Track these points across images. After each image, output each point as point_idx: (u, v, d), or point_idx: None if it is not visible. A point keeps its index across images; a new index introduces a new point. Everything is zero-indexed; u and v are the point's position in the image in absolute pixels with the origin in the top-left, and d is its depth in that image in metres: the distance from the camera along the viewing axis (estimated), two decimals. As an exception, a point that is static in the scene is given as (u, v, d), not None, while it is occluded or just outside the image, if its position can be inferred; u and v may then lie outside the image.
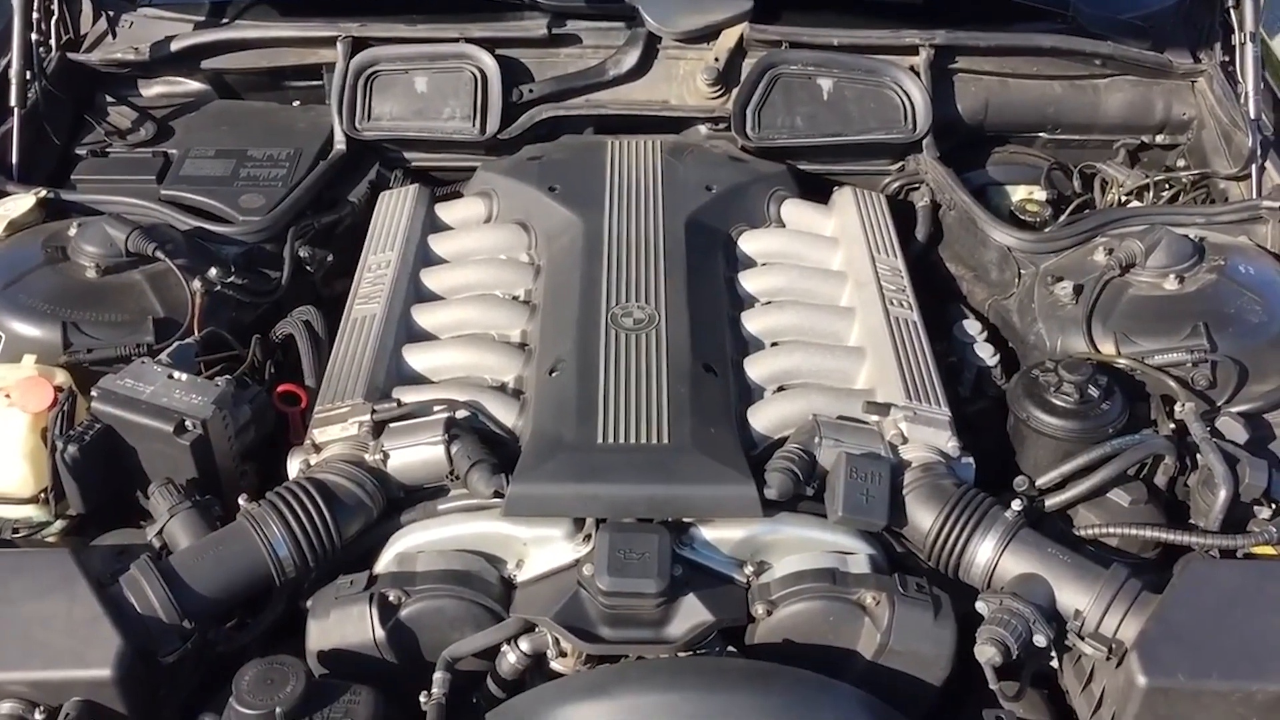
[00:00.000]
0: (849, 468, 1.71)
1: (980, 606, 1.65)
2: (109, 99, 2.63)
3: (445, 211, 2.38)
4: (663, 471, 1.71)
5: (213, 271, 2.10)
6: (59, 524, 1.87)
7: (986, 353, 2.13)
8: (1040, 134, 2.65)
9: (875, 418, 1.84)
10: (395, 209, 2.35)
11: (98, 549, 1.80)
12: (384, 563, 1.75)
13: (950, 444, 1.81)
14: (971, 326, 2.19)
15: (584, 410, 1.80)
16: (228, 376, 1.91)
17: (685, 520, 1.71)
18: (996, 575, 1.68)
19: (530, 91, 2.53)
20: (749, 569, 1.72)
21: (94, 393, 1.85)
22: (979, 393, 2.12)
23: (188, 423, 1.80)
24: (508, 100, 2.51)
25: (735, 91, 2.50)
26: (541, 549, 1.72)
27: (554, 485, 1.70)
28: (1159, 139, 2.65)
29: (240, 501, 1.73)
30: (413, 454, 1.78)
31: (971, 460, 1.82)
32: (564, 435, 1.77)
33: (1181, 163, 2.63)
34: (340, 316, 2.10)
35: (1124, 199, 2.53)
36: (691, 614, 1.63)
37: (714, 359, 1.93)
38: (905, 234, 2.36)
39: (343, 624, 1.65)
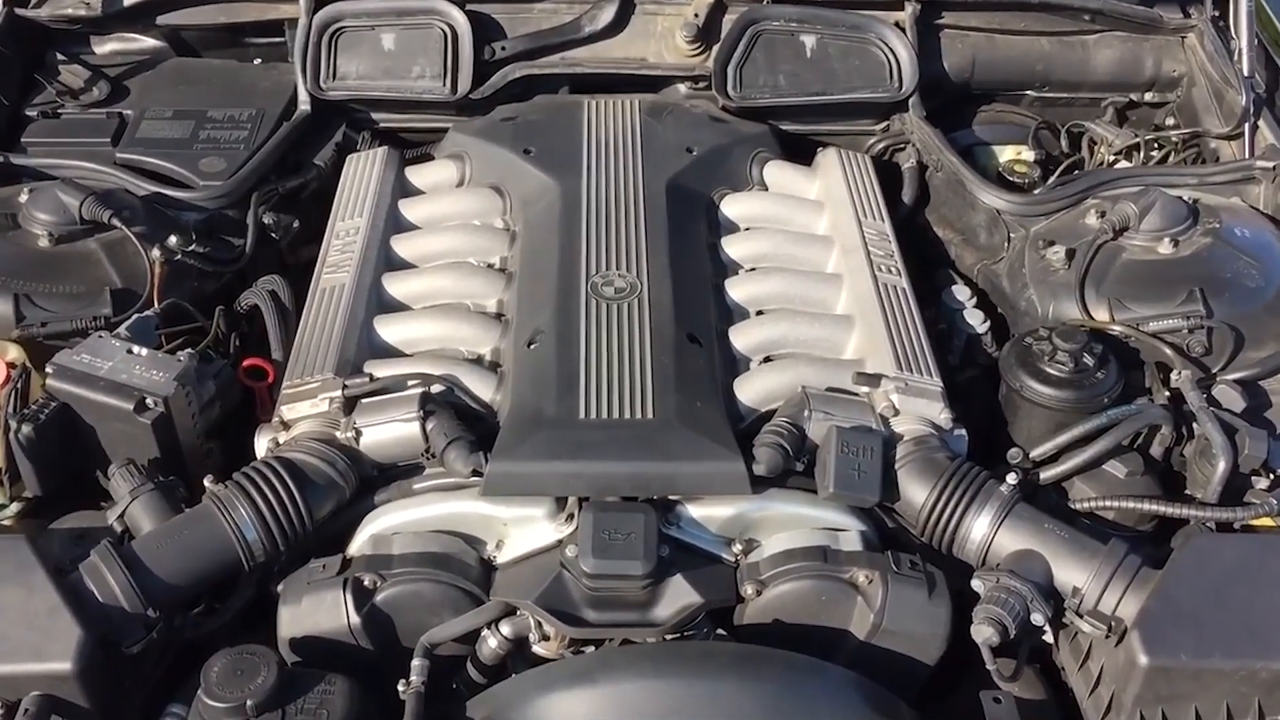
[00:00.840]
0: (840, 442, 1.65)
1: (976, 585, 1.61)
2: (60, 57, 2.51)
3: (416, 175, 2.29)
4: (648, 448, 1.65)
5: (172, 239, 2.01)
6: (14, 507, 1.78)
7: (976, 319, 2.07)
8: (1028, 92, 2.59)
9: (865, 389, 1.78)
10: (363, 172, 2.26)
11: (56, 533, 1.72)
12: (358, 545, 1.69)
13: (943, 416, 1.76)
14: (960, 292, 2.13)
15: (564, 384, 1.73)
16: (190, 351, 1.83)
17: (671, 498, 1.66)
18: (992, 552, 1.64)
19: (503, 49, 2.44)
20: (737, 547, 1.67)
21: (49, 369, 1.77)
22: (969, 361, 2.08)
23: (149, 400, 1.72)
24: (479, 58, 2.41)
25: (715, 49, 2.43)
26: (522, 529, 1.66)
27: (535, 463, 1.64)
28: (1148, 97, 2.60)
29: (206, 483, 1.65)
30: (386, 431, 1.71)
31: (964, 432, 1.77)
32: (544, 410, 1.70)
33: (1170, 121, 2.57)
34: (307, 285, 2.02)
35: (1113, 159, 2.47)
36: (679, 595, 1.58)
37: (698, 329, 1.86)
38: (891, 196, 2.30)
39: (316, 610, 1.59)
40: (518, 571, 1.64)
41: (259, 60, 2.58)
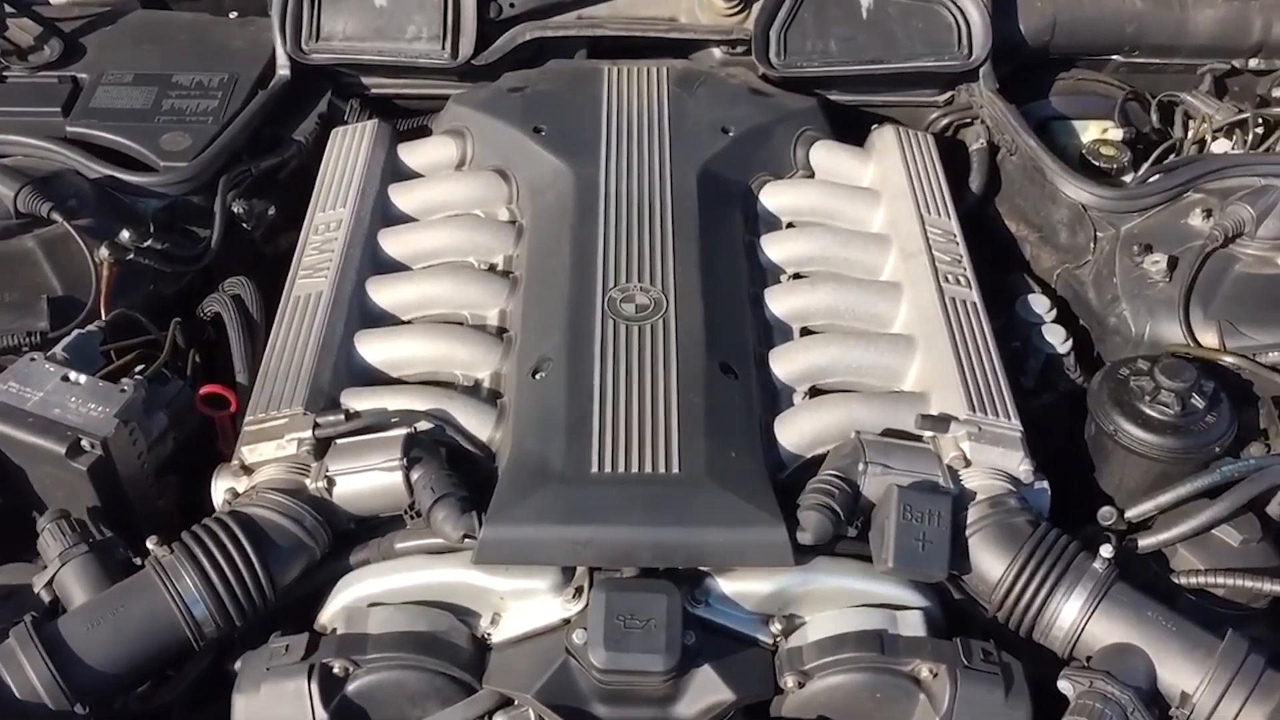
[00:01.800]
0: (901, 506, 1.39)
1: (1064, 687, 1.35)
2: (7, 9, 2.20)
3: (409, 154, 2.01)
4: (672, 510, 1.40)
5: (125, 234, 1.75)
6: (-67, 560, 1.54)
7: (1057, 338, 1.80)
8: (1113, 57, 2.25)
9: (931, 434, 1.50)
10: (349, 151, 1.97)
11: (-21, 593, 1.47)
12: (329, 614, 1.45)
13: (1023, 468, 1.49)
14: (1038, 303, 1.85)
15: (575, 427, 1.47)
16: (137, 377, 1.57)
17: (700, 569, 1.40)
18: (1083, 642, 1.38)
19: (511, 6, 2.14)
20: (776, 627, 1.42)
21: (-30, 400, 1.51)
22: (1046, 384, 1.81)
23: (84, 442, 1.47)
24: (484, 17, 2.11)
25: (756, 8, 2.12)
26: (522, 602, 1.42)
27: (537, 527, 1.39)
28: (1252, 64, 2.26)
29: (149, 544, 1.40)
30: (364, 480, 1.45)
31: (1046, 485, 1.50)
32: (550, 460, 1.44)
33: (1278, 93, 2.22)
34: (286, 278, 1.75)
35: (1212, 137, 2.14)
36: (706, 690, 1.34)
37: (733, 356, 1.59)
38: (955, 181, 1.99)
39: (276, 702, 1.35)
40: (516, 655, 1.40)
41: (235, 14, 2.28)
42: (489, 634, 1.42)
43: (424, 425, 1.51)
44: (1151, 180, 1.93)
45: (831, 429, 1.54)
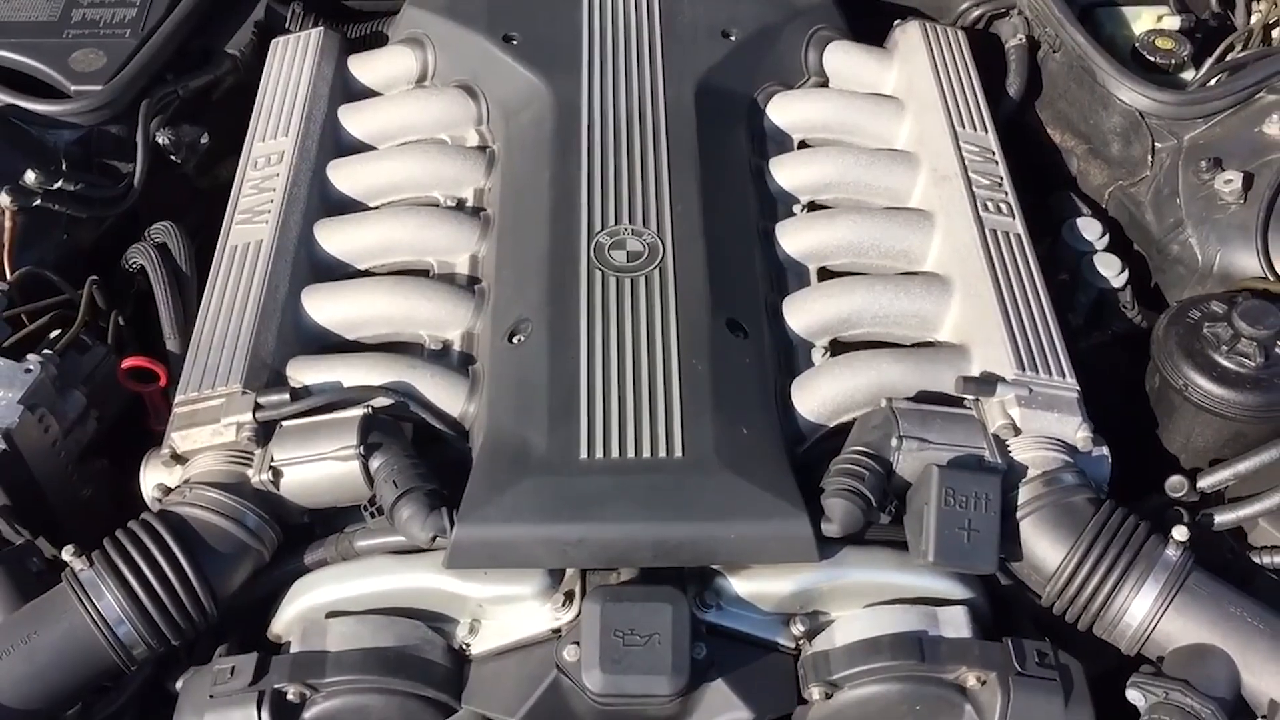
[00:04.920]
0: (942, 491, 1.21)
1: (1134, 697, 1.17)
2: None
3: (361, 67, 1.76)
4: (676, 502, 1.22)
5: (30, 176, 1.52)
6: None
7: (1111, 269, 1.58)
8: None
9: (974, 398, 1.30)
10: (291, 66, 1.73)
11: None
12: (283, 624, 1.27)
13: (1080, 434, 1.29)
14: (1089, 228, 1.63)
15: (559, 405, 1.27)
16: (46, 352, 1.34)
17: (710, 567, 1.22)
18: (1153, 641, 1.21)
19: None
20: (798, 627, 1.25)
21: None
22: (1096, 323, 1.59)
23: (-14, 435, 1.26)
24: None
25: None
26: (504, 608, 1.23)
27: (518, 526, 1.21)
28: (1325, -66, 1.97)
29: (65, 555, 1.20)
30: (315, 471, 1.27)
31: (1106, 451, 1.30)
32: (531, 445, 1.24)
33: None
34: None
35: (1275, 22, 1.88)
36: (719, 708, 1.18)
37: (742, 309, 1.38)
38: (991, 85, 1.74)
39: (222, 734, 1.16)
40: (500, 670, 1.23)
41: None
42: (468, 644, 1.25)
43: (384, 401, 1.30)
44: (1216, 80, 1.68)
45: (858, 393, 1.33)
